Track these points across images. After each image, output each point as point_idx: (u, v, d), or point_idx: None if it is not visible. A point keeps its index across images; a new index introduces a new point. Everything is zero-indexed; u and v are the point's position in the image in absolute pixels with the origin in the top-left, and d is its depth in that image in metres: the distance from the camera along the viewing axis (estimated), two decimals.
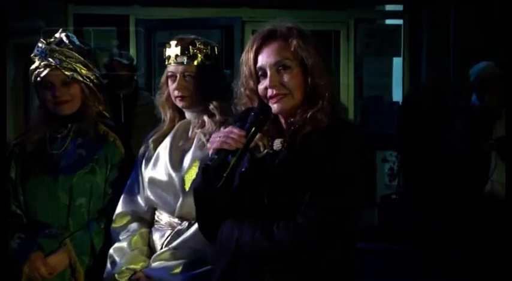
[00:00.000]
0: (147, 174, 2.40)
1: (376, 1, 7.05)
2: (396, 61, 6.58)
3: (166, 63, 2.39)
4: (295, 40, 1.83)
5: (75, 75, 2.50)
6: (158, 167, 2.38)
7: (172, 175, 2.32)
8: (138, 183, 2.44)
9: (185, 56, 2.33)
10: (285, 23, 1.87)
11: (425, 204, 5.25)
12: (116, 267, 2.35)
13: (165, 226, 2.35)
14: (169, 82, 2.38)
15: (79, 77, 2.51)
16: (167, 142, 2.40)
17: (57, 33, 2.55)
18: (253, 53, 1.86)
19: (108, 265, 2.38)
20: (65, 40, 2.52)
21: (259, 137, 1.86)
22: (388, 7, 7.13)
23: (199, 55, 2.34)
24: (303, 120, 1.81)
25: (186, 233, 2.27)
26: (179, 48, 2.34)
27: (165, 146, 2.39)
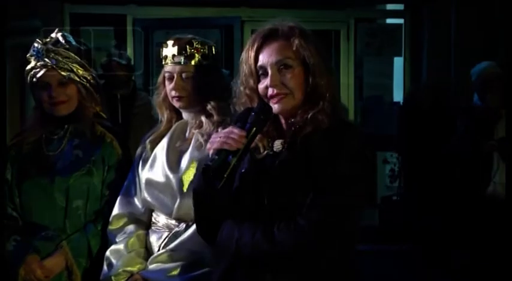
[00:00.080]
0: (144, 175, 2.37)
1: (376, 0, 7.03)
2: (397, 61, 6.56)
3: (163, 63, 2.36)
4: (297, 39, 1.82)
5: (71, 75, 2.48)
6: (155, 168, 2.36)
7: (169, 176, 2.30)
8: (135, 184, 2.42)
9: (182, 56, 2.31)
10: (287, 22, 1.86)
11: (426, 205, 5.23)
12: (113, 269, 2.33)
13: (163, 228, 2.33)
14: (166, 82, 2.36)
15: (75, 78, 2.49)
16: (164, 143, 2.38)
17: (53, 33, 2.53)
18: (253, 52, 1.85)
19: (104, 267, 2.37)
20: (61, 40, 2.50)
21: (259, 138, 1.85)
22: (389, 6, 7.11)
23: (196, 55, 2.32)
24: (304, 121, 1.80)
25: (184, 235, 2.25)
26: (176, 48, 2.31)
27: (162, 147, 2.37)
